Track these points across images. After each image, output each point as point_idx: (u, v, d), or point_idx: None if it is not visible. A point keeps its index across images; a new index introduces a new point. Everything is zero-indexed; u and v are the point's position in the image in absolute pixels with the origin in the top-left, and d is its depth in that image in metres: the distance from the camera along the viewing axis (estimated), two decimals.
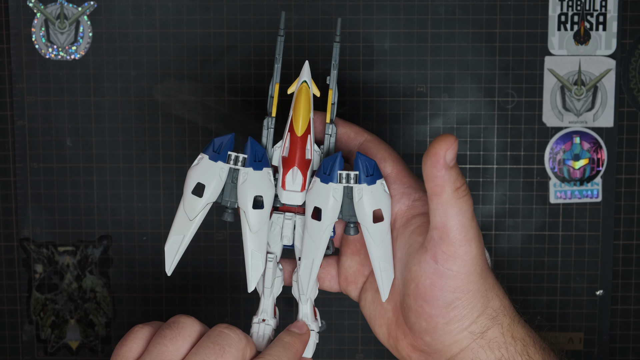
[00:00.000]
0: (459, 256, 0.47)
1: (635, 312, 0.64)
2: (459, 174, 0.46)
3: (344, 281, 0.54)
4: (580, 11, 0.61)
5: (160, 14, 0.62)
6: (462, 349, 0.48)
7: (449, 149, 0.45)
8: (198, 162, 0.49)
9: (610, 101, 0.62)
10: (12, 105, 0.63)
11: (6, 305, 0.65)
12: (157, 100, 0.63)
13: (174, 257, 0.50)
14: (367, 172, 0.48)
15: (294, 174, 0.49)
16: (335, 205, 0.48)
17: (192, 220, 0.49)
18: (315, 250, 0.49)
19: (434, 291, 0.47)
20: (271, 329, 0.52)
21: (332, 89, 0.50)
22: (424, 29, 0.62)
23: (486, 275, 0.48)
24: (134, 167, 0.63)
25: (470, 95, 0.62)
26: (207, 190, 0.48)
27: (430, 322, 0.48)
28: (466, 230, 0.47)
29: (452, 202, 0.46)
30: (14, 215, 0.64)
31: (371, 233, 0.49)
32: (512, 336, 0.48)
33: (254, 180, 0.48)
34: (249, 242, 0.49)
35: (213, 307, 0.65)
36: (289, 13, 0.62)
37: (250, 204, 0.48)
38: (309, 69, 0.49)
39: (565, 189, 0.63)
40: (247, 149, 0.48)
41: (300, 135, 0.49)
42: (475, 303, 0.48)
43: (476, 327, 0.48)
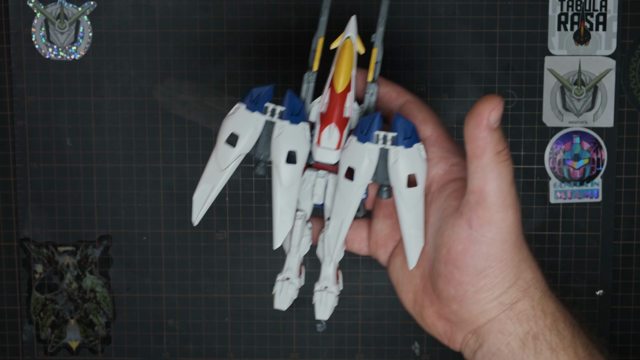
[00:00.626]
0: (495, 222, 0.45)
1: (635, 312, 0.64)
2: (501, 136, 0.45)
3: (373, 244, 0.53)
4: (580, 11, 0.61)
5: (160, 14, 0.62)
6: (490, 320, 0.47)
7: (494, 109, 0.43)
8: (234, 112, 0.47)
9: (610, 101, 0.62)
10: (12, 105, 0.63)
11: (6, 305, 0.65)
12: (157, 100, 0.63)
13: (201, 207, 0.49)
14: (405, 135, 0.46)
15: (330, 131, 0.47)
16: (369, 167, 0.46)
17: (224, 171, 0.48)
18: (346, 211, 0.48)
19: (466, 257, 0.46)
20: (295, 288, 0.50)
21: (377, 47, 0.48)
22: (424, 29, 0.62)
23: (520, 246, 0.47)
24: (134, 167, 0.63)
25: (470, 95, 0.62)
26: (240, 140, 0.47)
27: (460, 290, 0.47)
28: (504, 195, 0.45)
29: (492, 165, 0.44)
30: (14, 215, 0.64)
31: (404, 198, 0.47)
32: (543, 310, 0.47)
33: (289, 134, 0.47)
34: (279, 198, 0.47)
35: (213, 307, 0.65)
36: (289, 13, 0.62)
37: (284, 158, 0.47)
38: (355, 24, 0.47)
39: (565, 189, 0.63)
40: (285, 101, 0.47)
41: (340, 92, 0.47)
42: (507, 273, 0.46)
43: (506, 297, 0.47)
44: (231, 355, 0.65)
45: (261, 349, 0.65)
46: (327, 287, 0.50)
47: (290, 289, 0.50)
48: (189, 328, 0.65)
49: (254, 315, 0.65)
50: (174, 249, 0.64)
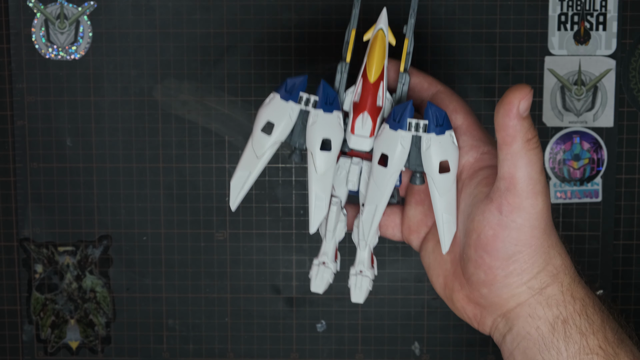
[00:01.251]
0: (524, 208, 0.46)
1: (635, 312, 0.64)
2: (531, 125, 0.46)
3: (406, 230, 0.54)
4: (580, 11, 0.61)
5: (160, 14, 0.62)
6: (519, 304, 0.48)
7: (524, 98, 0.45)
8: (269, 101, 0.49)
9: (610, 101, 0.62)
10: (12, 105, 0.63)
11: (6, 305, 0.65)
12: (157, 100, 0.63)
13: (238, 192, 0.50)
14: (436, 122, 0.47)
15: (363, 119, 0.48)
16: (402, 153, 0.48)
17: (260, 158, 0.49)
18: (380, 197, 0.49)
19: (496, 242, 0.47)
20: (330, 272, 0.52)
21: (408, 38, 0.49)
22: (424, 29, 0.62)
23: (550, 232, 0.48)
24: (134, 167, 0.63)
25: (470, 95, 0.62)
26: (276, 129, 0.48)
27: (489, 274, 0.48)
28: (534, 182, 0.46)
29: (522, 152, 0.46)
30: (14, 215, 0.64)
31: (436, 184, 0.48)
32: (572, 295, 0.48)
33: (324, 123, 0.48)
34: (313, 184, 0.49)
35: (213, 307, 0.65)
36: (289, 13, 0.62)
37: (318, 146, 0.48)
38: (386, 16, 0.49)
39: (565, 189, 0.63)
40: (319, 91, 0.48)
41: (372, 82, 0.48)
42: (536, 258, 0.47)
43: (535, 282, 0.48)
44: (231, 355, 0.65)
45: (261, 349, 0.65)
46: (362, 271, 0.51)
47: (326, 272, 0.52)
48: (189, 328, 0.65)
49: (254, 315, 0.65)
50: (174, 249, 0.64)
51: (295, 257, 0.64)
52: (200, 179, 0.63)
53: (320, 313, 0.65)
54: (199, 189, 0.63)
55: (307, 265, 0.64)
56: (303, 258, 0.64)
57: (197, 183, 0.63)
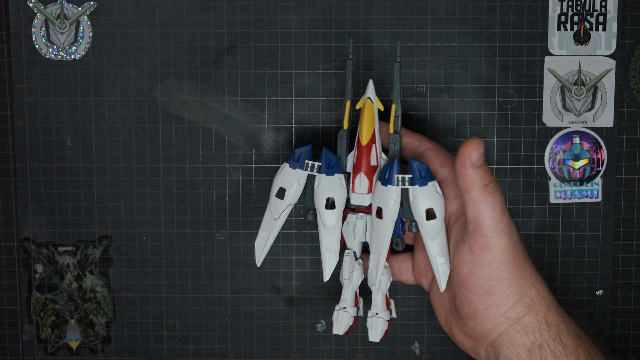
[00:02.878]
0: (490, 246, 0.51)
1: (635, 312, 0.64)
2: (486, 172, 0.51)
3: (417, 274, 0.59)
4: (580, 11, 0.61)
5: (160, 14, 0.62)
6: (501, 333, 0.53)
7: (474, 149, 0.50)
8: (281, 170, 0.56)
9: (610, 101, 0.62)
10: (12, 105, 0.63)
11: (6, 305, 0.65)
12: (157, 100, 0.63)
13: (262, 251, 0.56)
14: (419, 175, 0.53)
15: (361, 179, 0.54)
16: (394, 205, 0.53)
17: (277, 219, 0.56)
18: (380, 245, 0.54)
19: (472, 278, 0.52)
20: (349, 316, 0.57)
21: (395, 103, 0.55)
22: (424, 29, 0.62)
23: (521, 266, 0.53)
24: (134, 167, 0.63)
25: (470, 95, 0.62)
26: (287, 193, 0.55)
27: (471, 308, 0.53)
28: (496, 223, 0.51)
29: (481, 197, 0.51)
30: (14, 215, 0.64)
31: (425, 230, 0.53)
32: (547, 323, 0.52)
33: (327, 184, 0.54)
34: (323, 238, 0.55)
35: (213, 307, 0.65)
36: (289, 13, 0.62)
37: (323, 205, 0.54)
38: (373, 87, 0.54)
39: (565, 189, 0.63)
40: (322, 157, 0.55)
41: (365, 145, 0.54)
42: (510, 291, 0.52)
43: (512, 313, 0.52)
44: (231, 355, 0.65)
45: (261, 349, 0.65)
46: (378, 314, 0.57)
47: (345, 317, 0.57)
48: (189, 328, 0.65)
49: (254, 315, 0.65)
50: (174, 249, 0.64)
51: (295, 257, 0.64)
52: (200, 179, 0.63)
53: (320, 313, 0.65)
54: (199, 189, 0.63)
55: (307, 265, 0.64)
56: (303, 258, 0.64)
57: (197, 183, 0.63)
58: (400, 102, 0.55)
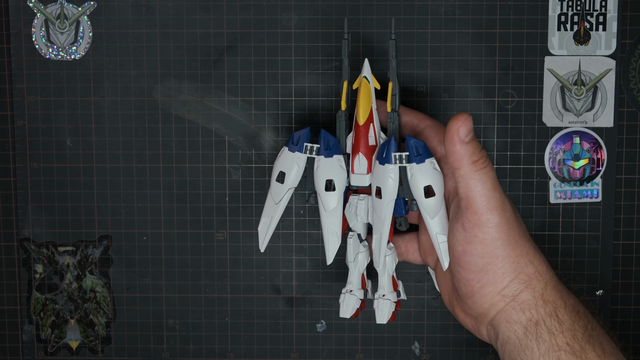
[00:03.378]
0: (483, 223, 0.50)
1: (635, 312, 0.64)
2: (475, 148, 0.50)
3: (423, 254, 0.59)
4: (580, 11, 0.61)
5: (160, 14, 0.62)
6: (499, 311, 0.52)
7: (461, 125, 0.49)
8: (280, 154, 0.55)
9: (610, 101, 0.62)
10: (12, 105, 0.63)
11: (6, 305, 0.65)
12: (157, 100, 0.63)
13: (264, 236, 0.56)
14: (416, 152, 0.52)
15: (359, 159, 0.54)
16: (393, 184, 0.52)
17: (278, 204, 0.55)
18: (382, 225, 0.54)
19: (466, 256, 0.51)
20: (356, 299, 0.57)
21: (392, 81, 0.54)
22: (424, 29, 0.62)
23: (516, 243, 0.52)
24: (134, 167, 0.63)
25: (470, 95, 0.62)
26: (287, 177, 0.55)
27: (468, 287, 0.52)
28: (487, 199, 0.50)
29: (470, 174, 0.50)
30: (14, 215, 0.64)
31: (425, 207, 0.53)
32: (544, 299, 0.51)
33: (325, 166, 0.54)
34: (324, 221, 0.54)
35: (213, 307, 0.65)
36: (289, 13, 0.62)
37: (323, 187, 0.54)
38: (368, 65, 0.54)
39: (565, 189, 0.63)
40: (320, 139, 0.54)
41: (362, 124, 0.54)
42: (506, 268, 0.51)
43: (509, 290, 0.52)
44: (231, 355, 0.65)
45: (261, 349, 0.65)
46: (384, 295, 0.56)
47: (351, 299, 0.57)
48: (189, 328, 0.65)
49: (254, 315, 0.65)
50: (174, 249, 0.64)
51: (296, 256, 0.64)
52: (200, 179, 0.63)
53: (320, 313, 0.65)
54: (199, 189, 0.63)
55: (307, 265, 0.64)
56: (303, 258, 0.64)
57: (197, 183, 0.63)
58: (397, 79, 0.54)
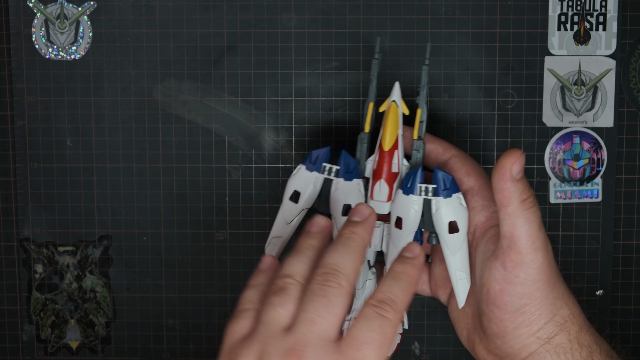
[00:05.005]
0: (526, 264, 0.49)
1: (635, 312, 0.64)
2: (526, 186, 0.49)
3: (434, 286, 0.57)
4: (580, 11, 0.61)
5: (160, 14, 0.62)
6: (531, 353, 0.50)
7: (515, 162, 0.48)
8: (297, 172, 0.54)
9: (610, 101, 0.62)
10: (12, 105, 0.63)
11: (6, 305, 0.65)
12: (157, 100, 0.63)
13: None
14: (444, 186, 0.51)
15: (380, 186, 0.52)
16: (415, 216, 0.51)
17: (290, 224, 0.54)
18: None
19: (503, 296, 0.50)
20: None
21: (421, 107, 0.53)
22: (424, 29, 0.62)
23: (554, 284, 0.51)
24: (134, 167, 0.63)
25: (470, 95, 0.62)
26: (302, 197, 0.53)
27: (501, 326, 0.50)
28: (533, 239, 0.49)
29: (519, 212, 0.48)
30: (14, 215, 0.64)
31: (447, 243, 0.51)
32: (579, 343, 0.50)
33: (344, 190, 0.52)
34: None
35: (213, 307, 0.65)
36: (289, 13, 0.62)
37: (340, 211, 0.52)
38: (399, 89, 0.52)
39: (565, 189, 0.63)
40: (340, 161, 0.53)
41: (387, 150, 0.52)
42: (543, 310, 0.50)
43: (544, 332, 0.50)
44: None
45: None
46: None
47: None
48: (189, 328, 0.65)
49: None
50: (174, 249, 0.64)
51: None
52: (200, 179, 0.63)
53: None
54: (199, 189, 0.63)
55: None
56: None
57: (197, 183, 0.63)
58: (426, 106, 0.53)
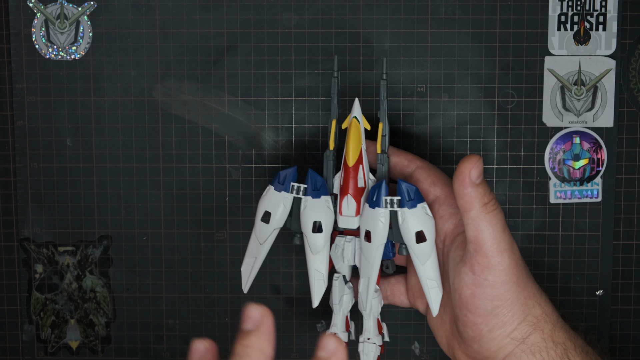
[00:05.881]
0: (493, 267, 0.50)
1: (635, 312, 0.64)
2: (486, 190, 0.50)
3: (411, 297, 0.58)
4: (580, 11, 0.61)
5: (160, 14, 0.62)
6: (507, 354, 0.51)
7: (473, 167, 0.49)
8: (266, 193, 0.55)
9: (610, 101, 0.62)
10: (12, 105, 0.63)
11: (6, 305, 0.65)
12: (157, 100, 0.63)
13: (248, 277, 0.55)
14: (408, 197, 0.51)
15: (348, 201, 0.53)
16: (383, 228, 0.51)
17: (263, 244, 0.54)
18: (370, 269, 0.53)
19: (475, 300, 0.51)
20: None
21: (382, 122, 0.54)
22: (424, 29, 0.62)
23: (524, 285, 0.51)
24: (134, 167, 0.63)
25: (470, 95, 0.62)
26: (273, 217, 0.54)
27: (475, 330, 0.51)
28: (498, 242, 0.50)
29: (481, 216, 0.49)
30: (14, 215, 0.64)
31: (416, 253, 0.52)
32: (553, 341, 0.51)
33: (313, 207, 0.53)
34: (310, 263, 0.54)
35: (213, 307, 0.65)
36: (289, 13, 0.62)
37: (310, 229, 0.53)
38: (359, 105, 0.53)
39: (565, 189, 0.63)
40: (307, 179, 0.53)
41: (352, 166, 0.53)
42: (515, 310, 0.51)
43: (518, 333, 0.51)
44: None
45: None
46: (369, 339, 0.56)
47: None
48: (189, 328, 0.65)
49: None
50: (174, 249, 0.64)
51: (295, 256, 0.64)
52: (200, 179, 0.63)
53: (320, 313, 0.65)
54: (199, 189, 0.63)
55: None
56: (303, 258, 0.64)
57: (197, 183, 0.63)
58: (387, 120, 0.54)
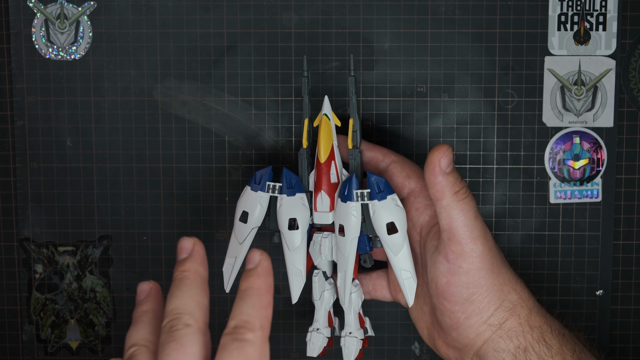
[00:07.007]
0: (467, 254, 0.50)
1: (635, 312, 0.64)
2: (457, 178, 0.50)
3: (393, 291, 0.58)
4: (580, 11, 0.61)
5: (160, 14, 0.62)
6: (485, 341, 0.52)
7: (443, 156, 0.50)
8: (243, 194, 0.55)
9: (610, 101, 0.62)
10: (12, 105, 0.63)
11: (6, 305, 0.65)
12: (157, 100, 0.63)
13: (229, 276, 0.56)
14: (378, 189, 0.52)
15: (322, 197, 0.54)
16: (356, 222, 0.52)
17: (242, 244, 0.55)
18: (346, 263, 0.53)
19: (450, 288, 0.51)
20: (323, 337, 0.56)
21: (353, 117, 0.54)
22: (424, 29, 0.62)
23: (499, 271, 0.52)
24: (134, 167, 0.63)
25: (470, 95, 0.62)
26: (250, 217, 0.54)
27: (453, 318, 0.52)
28: (470, 229, 0.50)
29: (453, 204, 0.50)
30: (14, 215, 0.64)
31: (388, 244, 0.52)
32: (529, 325, 0.52)
33: (288, 205, 0.53)
34: (288, 259, 0.54)
35: (213, 307, 0.65)
36: (289, 13, 0.62)
37: (286, 226, 0.53)
38: (328, 103, 0.54)
39: (565, 189, 0.63)
40: (282, 178, 0.54)
41: (323, 162, 0.53)
42: (490, 297, 0.51)
43: (494, 319, 0.52)
44: None
45: None
46: (351, 333, 0.56)
47: (318, 338, 0.56)
48: None
49: None
50: (174, 249, 0.64)
51: None
52: (200, 179, 0.63)
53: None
54: (199, 189, 0.63)
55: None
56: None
57: (197, 183, 0.63)
58: (357, 115, 0.54)
